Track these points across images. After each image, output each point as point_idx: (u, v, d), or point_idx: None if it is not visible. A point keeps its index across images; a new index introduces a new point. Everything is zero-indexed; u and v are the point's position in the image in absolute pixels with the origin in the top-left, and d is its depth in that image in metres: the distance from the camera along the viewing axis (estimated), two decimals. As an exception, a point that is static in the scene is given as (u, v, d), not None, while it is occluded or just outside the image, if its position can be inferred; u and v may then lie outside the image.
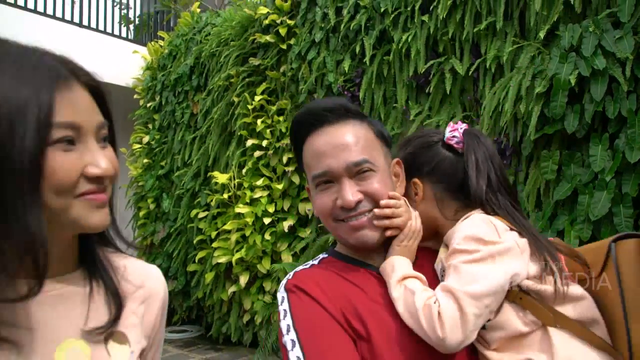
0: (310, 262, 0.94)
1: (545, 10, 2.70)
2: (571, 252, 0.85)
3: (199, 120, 5.08)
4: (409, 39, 3.35)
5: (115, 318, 0.64)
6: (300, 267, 0.91)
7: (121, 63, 6.10)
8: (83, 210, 0.59)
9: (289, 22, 4.12)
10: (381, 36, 3.62)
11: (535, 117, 2.51)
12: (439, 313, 0.72)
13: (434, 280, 0.85)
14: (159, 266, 4.35)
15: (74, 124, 0.59)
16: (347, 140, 0.83)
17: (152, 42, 6.08)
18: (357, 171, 0.83)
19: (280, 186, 4.12)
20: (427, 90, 3.32)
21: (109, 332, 0.63)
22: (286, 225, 4.03)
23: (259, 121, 4.23)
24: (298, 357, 0.73)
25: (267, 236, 4.12)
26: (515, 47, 2.82)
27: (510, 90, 2.67)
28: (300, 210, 4.07)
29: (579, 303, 0.78)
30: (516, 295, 0.77)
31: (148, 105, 5.84)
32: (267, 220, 4.06)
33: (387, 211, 0.83)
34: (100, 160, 0.59)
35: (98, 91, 0.64)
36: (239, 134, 4.45)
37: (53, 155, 0.56)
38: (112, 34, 6.22)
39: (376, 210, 0.83)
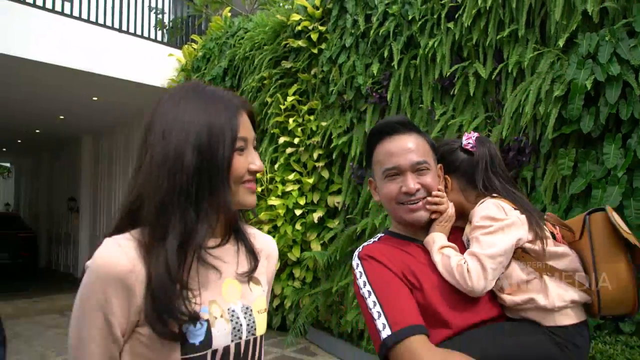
0: (372, 240, 1.19)
1: (564, 20, 2.92)
2: (561, 223, 1.12)
3: (232, 118, 5.39)
4: (435, 45, 3.60)
5: (254, 268, 0.91)
6: (366, 243, 1.16)
7: (157, 65, 6.46)
8: (244, 194, 0.85)
9: (320, 28, 4.40)
10: (408, 41, 3.87)
11: (553, 118, 2.74)
12: (467, 270, 1.00)
13: (462, 248, 1.12)
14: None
15: (245, 137, 0.85)
16: (411, 146, 1.10)
17: (186, 45, 6.42)
18: (418, 168, 1.09)
19: (310, 180, 4.40)
20: (451, 92, 3.57)
21: (250, 277, 0.90)
22: (316, 216, 4.32)
23: (290, 120, 4.52)
24: (374, 302, 1.00)
25: (297, 227, 4.41)
26: (536, 54, 3.04)
27: (531, 94, 2.90)
28: (329, 203, 4.35)
29: (563, 258, 1.04)
30: (519, 254, 1.04)
31: (183, 104, 6.18)
32: (297, 212, 4.35)
33: (436, 199, 1.10)
34: (257, 160, 0.86)
35: (252, 115, 0.91)
36: (271, 132, 4.74)
37: (236, 158, 0.83)
38: (148, 38, 6.58)
39: (429, 198, 1.10)
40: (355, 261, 1.09)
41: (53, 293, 7.93)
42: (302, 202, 4.39)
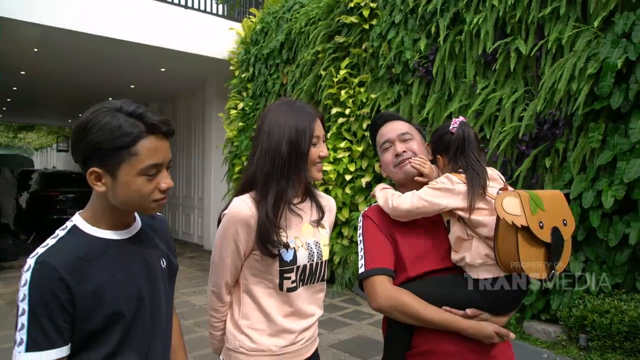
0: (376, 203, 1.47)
1: (604, -1, 3.07)
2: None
3: (288, 89, 5.85)
4: (480, 21, 3.81)
5: (321, 218, 1.39)
6: (372, 205, 1.45)
7: (219, 38, 6.97)
8: (315, 172, 1.31)
9: (371, 4, 4.68)
10: (454, 18, 4.09)
11: (584, 95, 2.97)
12: (398, 196, 1.32)
13: (443, 231, 1.34)
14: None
15: (318, 135, 1.29)
16: (398, 125, 1.44)
17: (245, 19, 6.86)
18: (404, 138, 1.41)
19: (360, 148, 4.82)
20: (493, 67, 3.80)
21: (319, 223, 1.38)
22: (364, 181, 4.76)
23: (342, 92, 4.91)
24: (361, 248, 1.34)
25: (347, 190, 4.88)
26: (575, 32, 3.22)
27: (565, 71, 3.12)
28: (376, 169, 4.76)
29: (485, 227, 1.23)
30: (458, 218, 1.27)
31: (242, 75, 6.70)
32: (347, 177, 4.81)
33: (419, 160, 1.37)
34: (325, 150, 1.31)
35: (322, 119, 1.35)
36: (324, 102, 5.16)
37: (311, 149, 1.28)
38: (210, 12, 7.07)
39: (413, 158, 1.37)
40: (360, 217, 1.42)
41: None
42: (352, 168, 4.84)
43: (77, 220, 1.03)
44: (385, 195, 1.36)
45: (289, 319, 1.29)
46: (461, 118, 1.40)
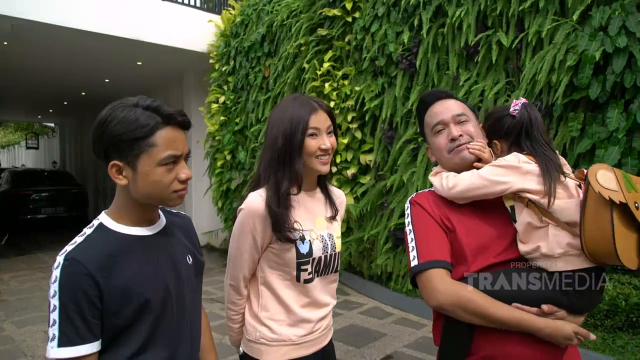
0: (427, 189, 1.33)
1: (581, -7, 3.19)
2: (581, 178, 1.18)
3: (270, 82, 5.84)
4: (462, 14, 3.89)
5: (335, 214, 1.41)
6: (420, 192, 1.32)
7: (198, 31, 6.86)
8: (317, 164, 1.32)
9: (354, -3, 4.71)
10: (437, 11, 4.16)
11: (564, 86, 3.10)
12: (454, 176, 1.21)
13: (504, 218, 1.20)
14: (236, 207, 5.34)
15: (317, 127, 1.30)
16: (451, 105, 1.28)
17: (224, 11, 6.78)
18: (459, 120, 1.25)
19: (345, 140, 4.87)
20: (475, 60, 3.90)
21: (333, 217, 1.41)
22: (349, 173, 4.82)
23: (326, 85, 4.93)
24: (412, 238, 1.19)
25: (333, 182, 4.93)
26: (554, 25, 3.34)
27: (546, 62, 3.24)
28: (361, 161, 4.83)
29: (567, 212, 1.11)
30: (527, 202, 1.13)
31: (223, 69, 6.63)
32: (333, 169, 4.85)
33: (478, 145, 1.23)
34: (327, 142, 1.31)
35: (330, 112, 1.36)
36: (308, 95, 5.17)
37: (308, 140, 1.28)
38: (188, 5, 6.95)
39: (470, 143, 1.23)
40: (407, 205, 1.28)
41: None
42: (337, 160, 4.89)
43: (103, 218, 1.06)
44: (440, 177, 1.25)
45: (306, 309, 1.33)
46: (522, 99, 1.27)
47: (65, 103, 11.94)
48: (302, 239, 1.29)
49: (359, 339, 3.61)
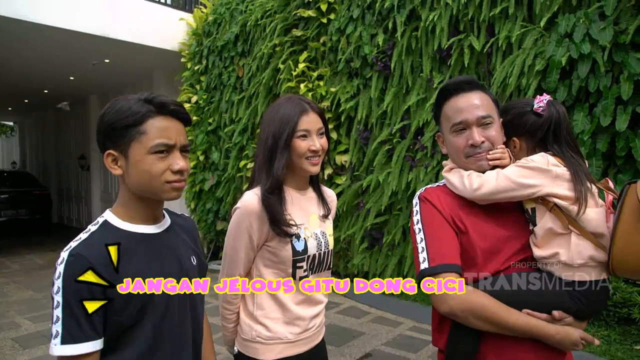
0: (436, 184, 1.26)
1: (548, 1, 3.34)
2: (612, 190, 1.15)
3: (244, 82, 5.79)
4: (435, 18, 3.99)
5: (328, 213, 1.43)
6: (429, 186, 1.24)
7: (169, 29, 6.72)
8: (307, 165, 1.33)
9: (329, -1, 4.74)
10: (411, 14, 4.25)
11: (533, 89, 3.23)
12: (477, 176, 1.13)
13: (522, 221, 1.16)
14: (210, 209, 5.32)
15: (307, 129, 1.32)
16: (477, 102, 1.15)
17: (196, 9, 6.67)
18: (483, 122, 1.14)
19: (320, 141, 4.89)
20: (448, 63, 4.00)
21: (325, 216, 1.43)
22: (325, 173, 4.83)
23: (302, 85, 4.94)
24: (421, 238, 1.12)
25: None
26: (522, 30, 3.47)
27: (516, 67, 3.37)
28: (337, 161, 4.86)
29: (595, 222, 1.07)
30: (552, 207, 1.08)
31: (195, 68, 6.53)
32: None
33: (498, 154, 1.15)
34: (317, 143, 1.32)
35: (322, 113, 1.37)
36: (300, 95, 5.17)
37: (297, 141, 1.30)
38: (158, 2, 6.80)
39: (490, 153, 1.15)
40: (415, 200, 1.20)
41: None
42: (313, 160, 4.90)
43: (108, 215, 1.06)
44: (460, 175, 1.16)
45: (301, 306, 1.35)
46: (547, 96, 1.18)
47: (26, 101, 11.43)
48: (297, 236, 1.31)
49: (338, 338, 3.65)
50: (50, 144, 13.24)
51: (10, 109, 12.99)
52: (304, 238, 1.33)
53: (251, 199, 1.29)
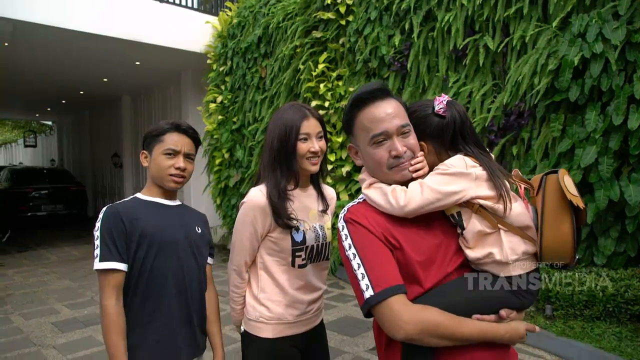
0: (356, 201, 1.19)
1: (562, 1, 3.37)
2: (523, 180, 1.16)
3: (267, 83, 5.99)
4: (451, 19, 4.06)
5: (326, 208, 1.59)
6: (350, 204, 1.17)
7: (195, 32, 7.00)
8: (307, 164, 1.49)
9: (347, 1, 4.86)
10: (427, 15, 4.33)
11: (544, 88, 3.27)
12: (402, 190, 1.09)
13: (447, 228, 1.14)
14: (234, 204, 5.54)
15: (308, 132, 1.47)
16: (393, 111, 1.12)
17: (221, 12, 6.91)
18: (402, 132, 1.12)
19: (339, 139, 5.03)
20: (464, 62, 4.07)
21: (324, 211, 1.58)
22: (344, 171, 4.99)
23: (321, 85, 5.09)
24: (358, 264, 1.06)
25: (328, 180, 5.10)
26: (537, 30, 3.51)
27: (528, 67, 3.41)
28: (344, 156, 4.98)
29: (519, 216, 1.08)
30: (477, 209, 1.08)
31: (220, 69, 6.77)
32: (328, 167, 5.02)
33: (419, 164, 1.14)
34: (316, 145, 1.48)
35: (321, 119, 1.53)
36: (304, 96, 5.33)
37: (299, 144, 1.46)
38: (186, 6, 7.08)
39: (412, 163, 1.13)
40: (341, 223, 1.12)
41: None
42: (332, 158, 5.05)
43: (137, 194, 1.59)
44: (382, 192, 1.12)
45: (299, 291, 1.51)
46: (445, 97, 1.18)
47: (64, 101, 12.03)
48: (297, 228, 1.46)
49: (353, 329, 3.79)
50: (86, 142, 13.88)
51: (48, 109, 13.67)
52: (303, 230, 1.48)
53: (257, 194, 1.45)
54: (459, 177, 1.08)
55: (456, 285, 1.08)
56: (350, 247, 1.08)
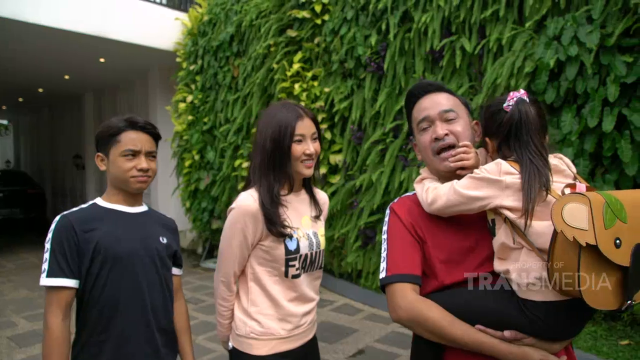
0: (409, 192, 1.26)
1: (537, 4, 3.40)
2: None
3: (239, 82, 5.83)
4: (427, 20, 4.04)
5: (319, 214, 1.49)
6: (404, 195, 1.26)
7: (164, 28, 6.75)
8: (301, 168, 1.38)
9: (323, 0, 4.78)
10: (404, 16, 4.30)
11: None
12: (434, 188, 1.13)
13: (485, 232, 1.12)
14: (205, 207, 5.34)
15: (302, 133, 1.37)
16: (441, 100, 1.18)
17: (191, 9, 6.70)
18: (447, 118, 1.15)
19: (314, 141, 4.94)
20: (440, 64, 4.06)
21: (317, 217, 1.48)
22: (320, 173, 4.90)
23: (296, 85, 4.99)
24: (385, 248, 1.16)
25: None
26: (512, 33, 3.53)
27: (505, 69, 3.43)
28: (331, 161, 4.92)
29: (542, 237, 0.96)
30: (505, 219, 1.02)
31: (191, 68, 6.55)
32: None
33: (460, 152, 1.12)
34: (311, 147, 1.38)
35: (315, 119, 1.43)
36: (278, 96, 5.21)
37: (293, 145, 1.35)
38: (153, 2, 6.82)
39: (452, 151, 1.13)
40: (387, 210, 1.23)
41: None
42: (307, 160, 4.95)
43: (97, 199, 1.46)
44: (422, 188, 1.16)
45: (293, 303, 1.40)
46: (521, 91, 1.09)
47: (21, 100, 11.41)
48: (290, 236, 1.36)
49: (331, 335, 3.70)
50: (44, 143, 13.22)
51: (4, 107, 12.95)
52: (297, 238, 1.38)
53: (247, 199, 1.34)
54: (486, 183, 1.04)
55: (471, 291, 1.07)
56: (384, 233, 1.19)
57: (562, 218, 0.87)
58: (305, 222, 1.44)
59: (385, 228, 1.19)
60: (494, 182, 1.02)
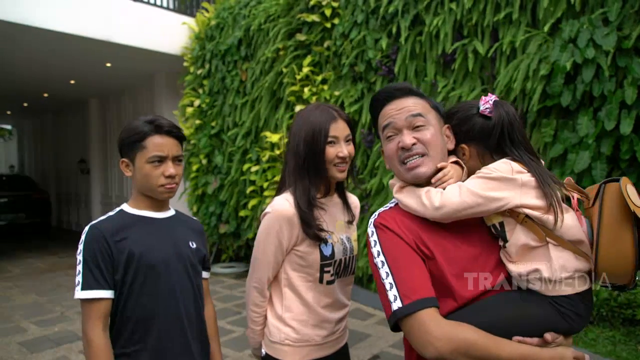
0: (388, 205, 1.14)
1: (552, 7, 3.39)
2: (577, 189, 1.05)
3: (247, 86, 5.82)
4: (439, 23, 4.03)
5: (352, 219, 1.47)
6: (381, 209, 1.11)
7: (171, 33, 6.75)
8: (334, 171, 1.36)
9: (333, 4, 4.78)
10: (415, 19, 4.29)
11: (538, 93, 3.27)
12: (437, 192, 1.02)
13: (485, 240, 1.05)
14: (213, 212, 5.33)
15: (336, 136, 1.35)
16: (408, 104, 1.07)
17: (198, 13, 6.71)
18: (414, 125, 1.05)
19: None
20: (452, 67, 4.05)
21: (350, 221, 1.46)
22: (357, 175, 4.87)
23: (305, 89, 4.98)
24: (387, 272, 0.99)
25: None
26: (526, 36, 3.52)
27: (520, 71, 3.41)
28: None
29: (571, 229, 0.97)
30: (523, 219, 0.98)
31: (198, 72, 6.55)
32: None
33: (439, 176, 1.05)
34: (345, 150, 1.36)
35: (349, 121, 1.41)
36: (287, 100, 5.20)
37: (327, 148, 1.33)
38: (160, 6, 6.82)
39: (436, 177, 1.04)
40: (371, 229, 1.07)
41: (75, 250, 8.54)
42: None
43: (124, 206, 1.43)
44: (416, 194, 1.04)
45: (327, 309, 1.38)
46: (493, 96, 1.09)
47: (25, 104, 11.41)
48: (325, 241, 1.34)
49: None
50: (49, 147, 13.20)
51: (8, 112, 12.95)
52: (332, 243, 1.36)
53: (282, 204, 1.32)
54: (503, 183, 0.98)
55: (496, 302, 0.99)
56: (379, 254, 1.01)
57: (630, 197, 0.90)
58: (339, 226, 1.42)
59: (377, 249, 1.02)
60: (511, 180, 0.99)
